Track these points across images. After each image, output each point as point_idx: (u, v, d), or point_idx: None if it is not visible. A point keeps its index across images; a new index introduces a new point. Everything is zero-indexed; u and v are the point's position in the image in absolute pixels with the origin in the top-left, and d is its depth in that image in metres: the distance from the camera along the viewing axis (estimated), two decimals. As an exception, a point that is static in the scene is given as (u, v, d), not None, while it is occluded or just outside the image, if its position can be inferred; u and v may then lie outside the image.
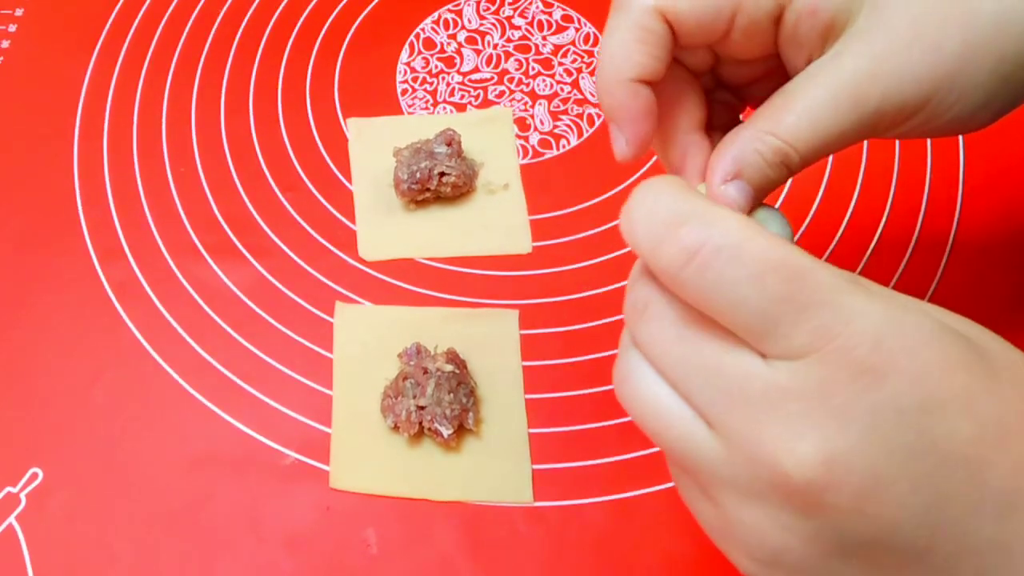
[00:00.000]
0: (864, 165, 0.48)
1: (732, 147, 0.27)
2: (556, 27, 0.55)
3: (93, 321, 0.44)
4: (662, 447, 0.25)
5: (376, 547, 0.38)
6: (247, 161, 0.49)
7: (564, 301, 0.44)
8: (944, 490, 0.21)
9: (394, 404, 0.39)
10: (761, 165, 0.26)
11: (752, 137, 0.27)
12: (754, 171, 0.27)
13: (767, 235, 0.22)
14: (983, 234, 0.46)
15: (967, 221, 0.46)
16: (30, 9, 0.56)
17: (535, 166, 0.49)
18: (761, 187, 0.27)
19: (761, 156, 0.26)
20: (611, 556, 0.37)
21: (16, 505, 0.39)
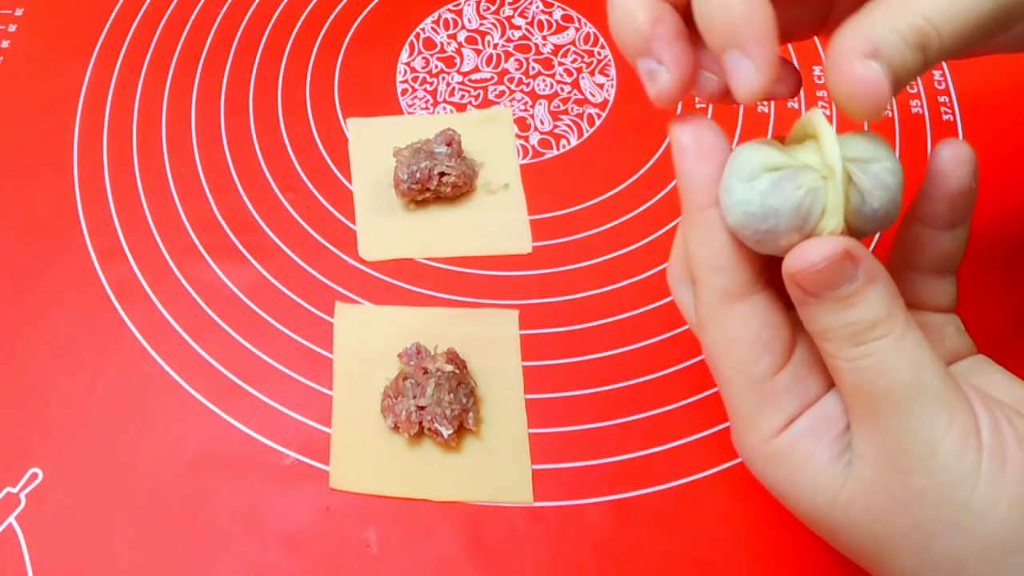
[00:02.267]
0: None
1: (862, 26, 0.23)
2: (556, 27, 0.55)
3: (93, 321, 0.44)
4: None
5: (376, 547, 0.38)
6: (247, 161, 0.49)
7: (564, 301, 0.44)
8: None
9: (394, 404, 0.39)
10: (900, 46, 0.23)
11: (889, 15, 0.23)
12: (893, 52, 0.23)
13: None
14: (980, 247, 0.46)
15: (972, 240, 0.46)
16: (30, 9, 0.56)
17: (535, 166, 0.49)
18: (899, 73, 0.23)
19: (900, 35, 0.23)
20: (611, 556, 0.37)
21: (16, 505, 0.39)
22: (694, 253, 0.26)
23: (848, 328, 0.24)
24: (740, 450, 0.27)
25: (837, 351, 0.24)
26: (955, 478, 0.23)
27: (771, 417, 0.26)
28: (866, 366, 0.24)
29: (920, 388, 0.23)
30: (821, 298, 0.24)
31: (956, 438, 0.23)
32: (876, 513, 0.24)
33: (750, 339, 0.25)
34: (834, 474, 0.25)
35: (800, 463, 0.25)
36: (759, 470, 0.27)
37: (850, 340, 0.24)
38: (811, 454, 0.25)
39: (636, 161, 0.49)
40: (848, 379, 0.24)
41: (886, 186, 0.24)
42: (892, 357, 0.24)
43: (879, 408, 0.24)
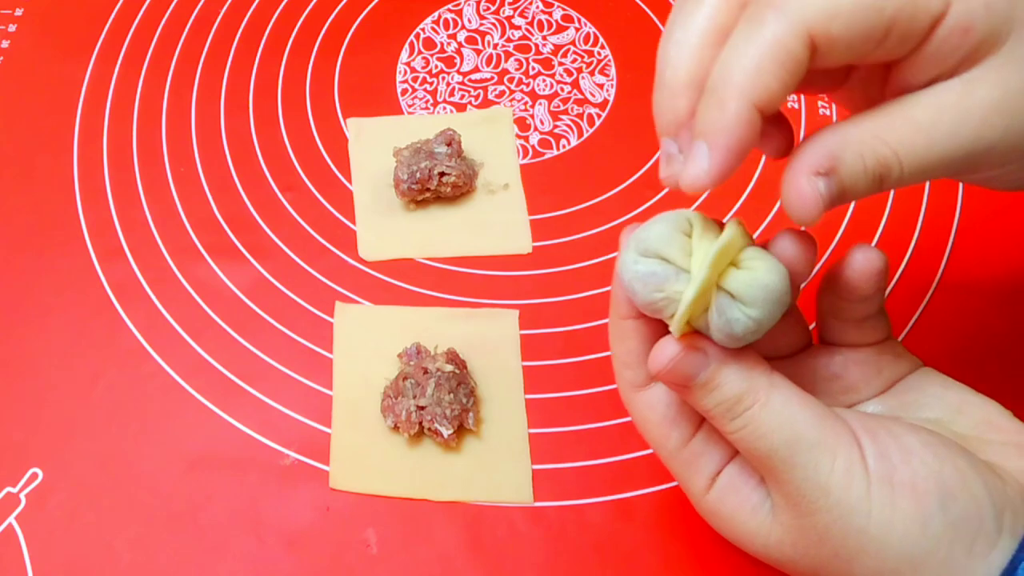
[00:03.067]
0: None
1: (831, 140, 0.24)
2: (556, 27, 0.55)
3: (93, 321, 0.44)
4: None
5: (376, 547, 0.38)
6: (247, 161, 0.49)
7: (564, 301, 0.44)
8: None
9: (394, 404, 0.39)
10: (859, 169, 0.24)
11: (858, 137, 0.24)
12: (849, 174, 0.24)
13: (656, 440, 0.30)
14: (979, 247, 0.46)
15: (964, 232, 0.46)
16: (30, 9, 0.56)
17: (535, 166, 0.49)
18: (847, 193, 0.24)
19: (862, 159, 0.24)
20: (611, 556, 0.37)
21: (16, 505, 0.39)
22: (612, 349, 0.30)
23: (720, 407, 0.27)
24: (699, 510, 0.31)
25: (722, 426, 0.27)
26: (849, 510, 0.26)
27: (696, 479, 0.29)
28: (745, 435, 0.27)
29: (796, 442, 0.26)
30: (688, 388, 0.27)
31: (841, 474, 0.26)
32: (801, 549, 0.27)
33: (658, 419, 0.30)
34: (760, 520, 0.28)
35: (731, 514, 0.29)
36: (708, 520, 0.30)
37: (726, 416, 0.27)
38: (737, 506, 0.29)
39: (636, 161, 0.49)
40: (740, 447, 0.28)
41: (746, 319, 0.26)
42: (764, 422, 0.26)
43: (770, 466, 0.27)
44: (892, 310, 0.43)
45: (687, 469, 0.30)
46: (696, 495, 0.30)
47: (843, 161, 0.24)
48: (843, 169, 0.24)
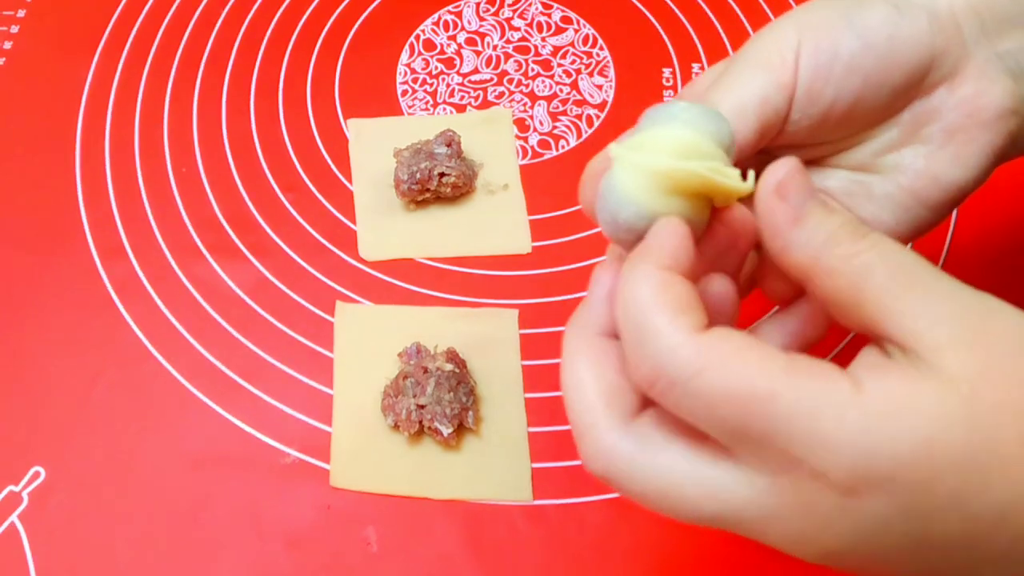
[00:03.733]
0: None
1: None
2: (555, 28, 0.55)
3: (94, 320, 0.44)
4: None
5: (376, 546, 0.38)
6: (248, 161, 0.49)
7: (564, 301, 0.44)
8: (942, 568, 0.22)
9: (394, 403, 0.40)
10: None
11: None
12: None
13: (726, 363, 0.21)
14: (979, 247, 0.46)
15: (962, 232, 0.46)
16: (32, 10, 0.56)
17: (535, 166, 0.49)
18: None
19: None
20: (611, 556, 0.37)
21: (18, 504, 0.39)
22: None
23: (847, 225, 0.23)
24: (850, 451, 0.21)
25: (856, 247, 0.23)
26: (1018, 313, 0.22)
27: (838, 385, 0.21)
28: (885, 243, 0.23)
29: (917, 261, 0.23)
30: (809, 206, 0.23)
31: (987, 295, 0.22)
32: (1003, 377, 0.21)
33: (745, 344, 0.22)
34: (935, 382, 0.21)
35: (906, 396, 0.21)
36: (876, 445, 0.21)
37: (859, 231, 0.23)
38: (904, 384, 0.21)
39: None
40: (883, 269, 0.22)
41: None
42: (885, 241, 0.23)
43: (925, 277, 0.22)
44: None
45: (820, 380, 0.21)
46: (851, 406, 0.21)
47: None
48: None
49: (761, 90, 0.28)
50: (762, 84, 0.28)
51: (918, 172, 0.30)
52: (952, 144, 0.29)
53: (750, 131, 0.28)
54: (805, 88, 0.28)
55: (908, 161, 0.30)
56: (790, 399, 0.21)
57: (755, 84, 0.28)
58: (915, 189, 0.30)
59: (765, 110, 0.28)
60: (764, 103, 0.28)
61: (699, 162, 0.23)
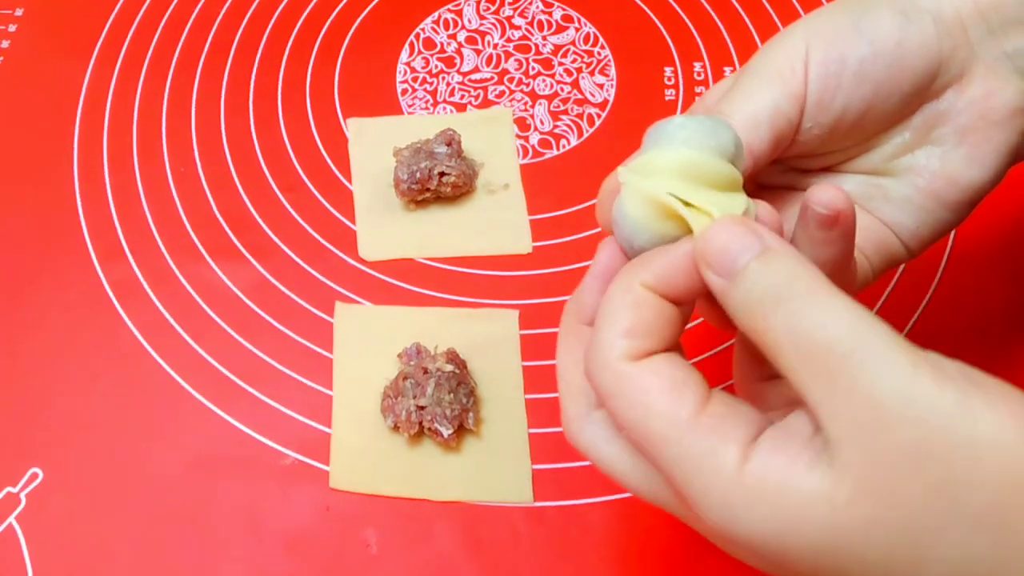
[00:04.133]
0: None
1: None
2: (556, 27, 0.55)
3: (93, 321, 0.44)
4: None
5: (376, 547, 0.38)
6: (247, 161, 0.49)
7: (564, 301, 0.44)
8: None
9: (394, 404, 0.39)
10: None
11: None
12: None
13: (635, 398, 0.23)
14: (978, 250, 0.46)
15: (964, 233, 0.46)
16: (30, 9, 0.56)
17: (535, 166, 0.49)
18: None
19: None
20: (611, 556, 0.37)
21: (16, 505, 0.39)
22: (615, 317, 0.24)
23: (772, 289, 0.22)
24: (713, 514, 0.22)
25: (765, 320, 0.22)
26: (945, 416, 0.20)
27: (726, 451, 0.22)
28: (800, 325, 0.22)
29: (864, 331, 0.21)
30: (744, 271, 0.23)
31: (928, 372, 0.21)
32: (888, 494, 0.21)
33: (665, 384, 0.23)
34: (820, 476, 0.21)
35: (780, 482, 0.21)
36: (738, 520, 0.22)
37: (775, 304, 0.22)
38: (787, 469, 0.22)
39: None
40: (790, 351, 0.22)
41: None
42: (825, 304, 0.22)
43: (830, 367, 0.21)
44: (892, 309, 0.43)
45: (711, 439, 0.22)
46: (725, 479, 0.22)
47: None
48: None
49: (772, 102, 0.28)
50: (773, 96, 0.28)
51: (934, 173, 0.30)
52: (965, 144, 0.29)
53: (763, 143, 0.28)
54: (815, 98, 0.28)
55: (923, 163, 0.30)
56: (679, 450, 0.22)
57: (766, 96, 0.28)
58: (932, 190, 0.30)
59: (777, 121, 0.28)
60: (776, 114, 0.28)
61: (688, 185, 0.24)
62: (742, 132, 0.27)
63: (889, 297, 0.44)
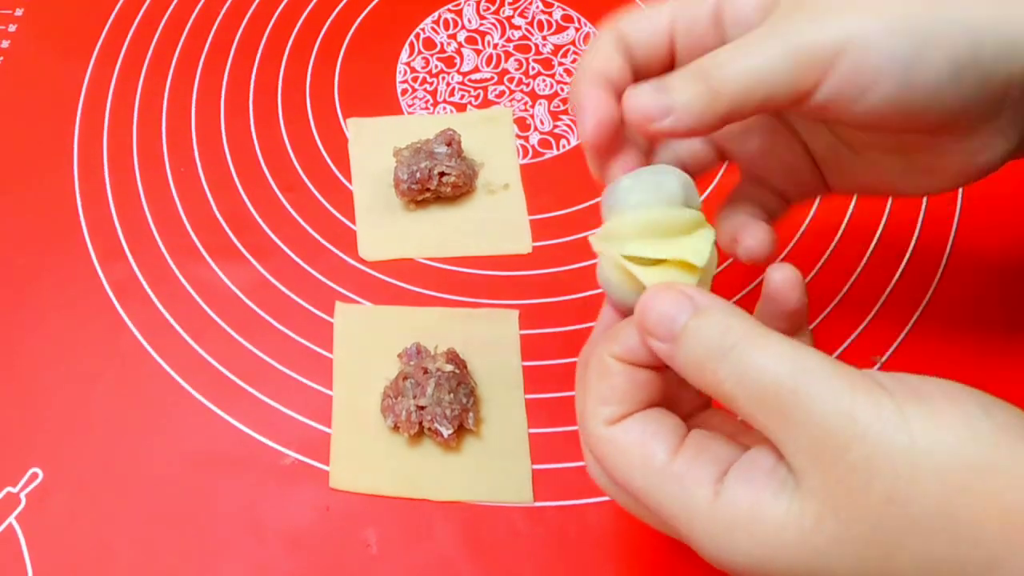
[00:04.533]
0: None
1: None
2: (556, 27, 0.55)
3: (93, 321, 0.44)
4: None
5: (376, 547, 0.38)
6: (247, 161, 0.49)
7: (564, 301, 0.44)
8: None
9: (394, 404, 0.39)
10: (680, 74, 0.28)
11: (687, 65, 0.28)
12: (673, 79, 0.28)
13: (615, 458, 0.26)
14: (978, 249, 0.46)
15: (964, 233, 0.46)
16: (30, 9, 0.56)
17: (535, 166, 0.49)
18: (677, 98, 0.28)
19: (686, 73, 0.28)
20: (611, 556, 0.37)
21: (16, 505, 0.39)
22: (589, 386, 0.27)
23: (711, 348, 0.24)
24: (703, 547, 0.25)
25: (714, 375, 0.24)
26: (886, 433, 0.22)
27: (697, 492, 0.25)
28: (745, 373, 0.24)
29: (805, 370, 0.23)
30: (682, 333, 0.25)
31: (864, 396, 0.22)
32: (846, 512, 0.22)
33: (637, 439, 0.26)
34: (786, 503, 0.23)
35: (751, 514, 0.24)
36: (722, 550, 0.24)
37: (721, 357, 0.24)
38: (756, 500, 0.24)
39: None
40: (736, 399, 0.24)
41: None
42: (766, 353, 0.24)
43: (779, 406, 0.23)
44: (892, 309, 0.43)
45: (683, 483, 0.25)
46: (701, 513, 0.25)
47: (668, 77, 0.28)
48: (667, 78, 0.28)
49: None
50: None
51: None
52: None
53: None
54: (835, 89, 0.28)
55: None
56: (658, 497, 0.25)
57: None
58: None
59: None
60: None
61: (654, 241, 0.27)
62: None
63: (889, 297, 0.44)
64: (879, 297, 0.44)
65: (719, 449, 0.26)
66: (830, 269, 0.45)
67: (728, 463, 0.25)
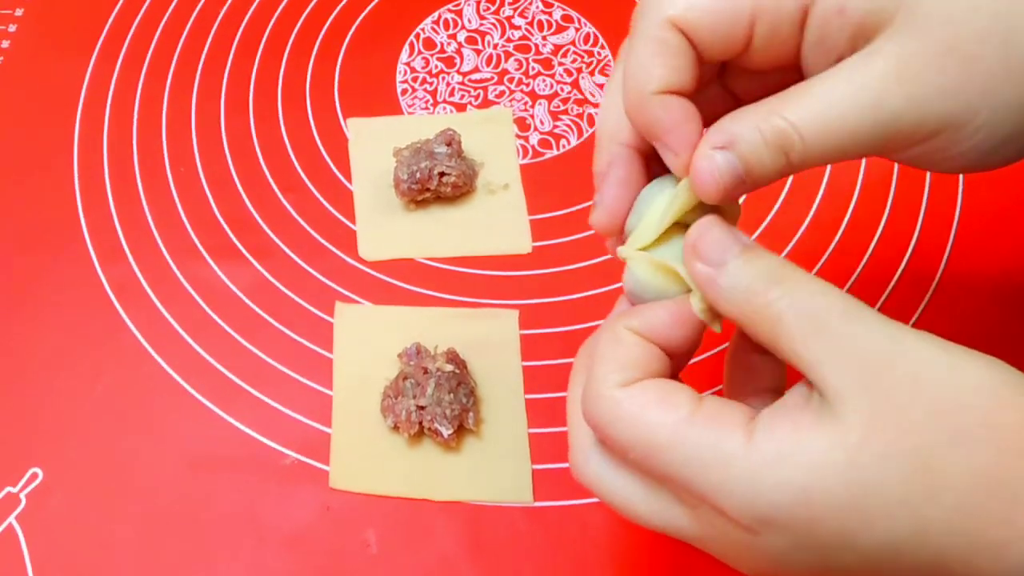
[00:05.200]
0: (859, 186, 0.48)
1: (731, 119, 0.25)
2: (556, 27, 0.55)
3: (93, 321, 0.44)
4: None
5: (376, 547, 0.38)
6: (247, 161, 0.49)
7: (564, 301, 0.44)
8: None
9: (394, 404, 0.39)
10: (758, 142, 0.25)
11: (755, 113, 0.25)
12: (748, 147, 0.25)
13: (634, 416, 0.24)
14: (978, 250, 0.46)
15: (964, 233, 0.46)
16: (30, 9, 0.56)
17: (535, 166, 0.49)
18: (753, 168, 0.25)
19: (760, 133, 0.25)
20: (611, 556, 0.37)
21: (16, 505, 0.39)
22: (602, 354, 0.26)
23: (772, 271, 0.24)
24: (735, 500, 0.23)
25: (769, 297, 0.24)
26: (929, 351, 0.23)
27: (729, 435, 0.24)
28: (800, 296, 0.24)
29: (851, 299, 0.24)
30: (734, 260, 0.25)
31: (909, 330, 0.23)
32: (894, 427, 0.22)
33: (657, 397, 0.25)
34: (828, 429, 0.23)
35: (791, 443, 0.23)
36: (764, 491, 0.23)
37: (777, 282, 0.24)
38: (795, 426, 0.23)
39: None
40: (791, 320, 0.24)
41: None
42: (818, 287, 0.24)
43: (830, 326, 0.23)
44: (893, 309, 0.43)
45: (712, 431, 0.24)
46: (738, 457, 0.23)
47: (740, 136, 0.25)
48: (740, 143, 0.25)
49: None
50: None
51: None
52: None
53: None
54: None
55: None
56: (685, 450, 0.24)
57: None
58: None
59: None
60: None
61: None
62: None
63: (889, 297, 0.44)
64: (879, 297, 0.44)
65: (741, 406, 0.25)
66: (830, 269, 0.45)
67: (754, 414, 0.24)
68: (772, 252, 0.25)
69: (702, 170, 0.25)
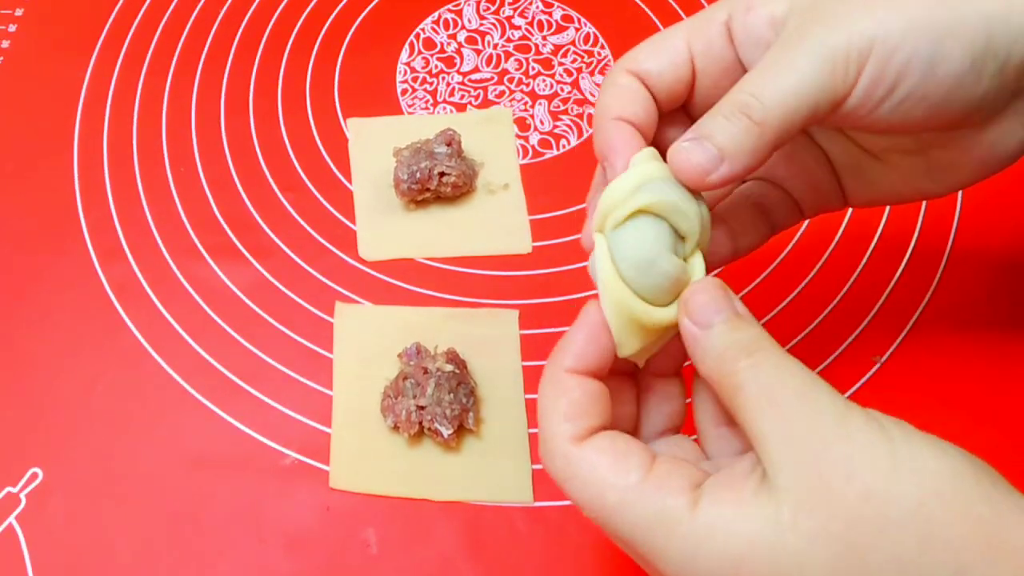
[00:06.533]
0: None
1: (700, 121, 0.28)
2: (556, 27, 0.55)
3: (93, 321, 0.44)
4: None
5: (376, 547, 0.38)
6: (247, 161, 0.49)
7: (564, 301, 0.44)
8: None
9: (394, 404, 0.40)
10: (719, 119, 0.27)
11: (720, 104, 0.28)
12: (713, 124, 0.27)
13: (585, 477, 0.25)
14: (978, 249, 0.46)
15: (964, 233, 0.46)
16: (30, 9, 0.56)
17: (535, 166, 0.49)
18: (724, 145, 0.27)
19: (720, 110, 0.27)
20: (611, 556, 0.37)
21: (16, 505, 0.39)
22: (548, 406, 0.27)
23: (748, 341, 0.25)
24: (674, 565, 0.24)
25: (737, 366, 0.25)
26: (868, 435, 0.23)
27: (675, 503, 0.24)
28: (764, 368, 0.25)
29: (814, 386, 0.24)
30: (721, 323, 0.26)
31: (857, 411, 0.24)
32: (824, 508, 0.23)
33: (610, 459, 0.26)
34: (764, 502, 0.23)
35: (729, 514, 0.24)
36: (700, 558, 0.24)
37: (749, 353, 0.25)
38: (734, 500, 0.24)
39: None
40: (751, 388, 0.25)
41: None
42: (785, 364, 0.25)
43: (782, 401, 0.24)
44: (892, 310, 0.43)
45: (660, 496, 0.25)
46: (681, 523, 0.24)
47: (704, 123, 0.28)
48: (704, 126, 0.27)
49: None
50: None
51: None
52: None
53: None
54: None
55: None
56: (633, 513, 0.25)
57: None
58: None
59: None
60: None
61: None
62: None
63: (889, 297, 0.44)
64: (879, 297, 0.44)
65: (691, 468, 0.26)
66: (830, 269, 0.45)
67: (701, 478, 0.25)
68: (759, 326, 0.26)
69: (677, 158, 0.27)
